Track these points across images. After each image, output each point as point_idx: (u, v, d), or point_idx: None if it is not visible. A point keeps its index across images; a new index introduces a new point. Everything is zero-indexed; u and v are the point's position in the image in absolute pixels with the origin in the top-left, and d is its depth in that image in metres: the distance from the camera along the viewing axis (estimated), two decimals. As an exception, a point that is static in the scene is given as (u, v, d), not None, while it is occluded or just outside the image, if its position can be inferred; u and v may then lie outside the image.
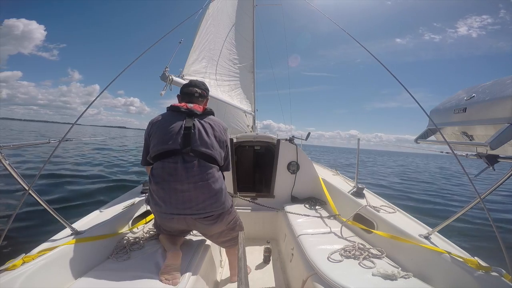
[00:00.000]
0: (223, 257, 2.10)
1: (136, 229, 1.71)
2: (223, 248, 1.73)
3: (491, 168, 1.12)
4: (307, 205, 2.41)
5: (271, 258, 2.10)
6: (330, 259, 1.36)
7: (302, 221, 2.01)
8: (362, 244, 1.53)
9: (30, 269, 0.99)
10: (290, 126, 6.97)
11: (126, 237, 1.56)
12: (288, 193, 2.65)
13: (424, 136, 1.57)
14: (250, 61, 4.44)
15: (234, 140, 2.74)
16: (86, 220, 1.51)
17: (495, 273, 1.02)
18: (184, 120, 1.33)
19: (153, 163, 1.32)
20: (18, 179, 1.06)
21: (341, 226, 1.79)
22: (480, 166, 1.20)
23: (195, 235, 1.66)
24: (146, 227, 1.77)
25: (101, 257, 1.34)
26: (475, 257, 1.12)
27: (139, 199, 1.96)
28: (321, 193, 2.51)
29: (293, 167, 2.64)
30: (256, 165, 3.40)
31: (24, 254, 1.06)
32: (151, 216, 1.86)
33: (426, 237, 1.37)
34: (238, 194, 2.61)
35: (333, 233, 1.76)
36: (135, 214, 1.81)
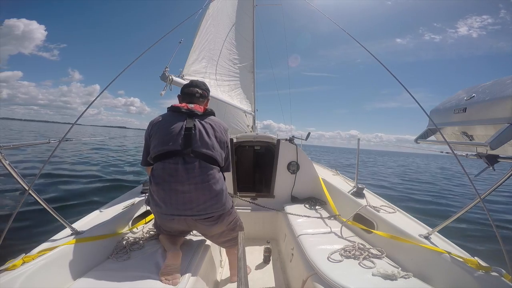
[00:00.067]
0: (223, 257, 2.10)
1: (136, 229, 1.71)
2: (223, 248, 1.73)
3: (491, 168, 1.11)
4: (307, 205, 2.41)
5: (271, 258, 2.09)
6: (330, 259, 1.36)
7: (302, 221, 2.00)
8: (362, 244, 1.53)
9: (30, 269, 0.99)
10: (290, 126, 6.98)
11: (126, 237, 1.56)
12: (288, 193, 2.65)
13: (424, 136, 1.57)
14: (250, 61, 4.44)
15: (234, 140, 2.74)
16: (86, 220, 1.51)
17: (495, 273, 1.02)
18: (185, 120, 1.33)
19: (153, 163, 1.32)
20: (18, 179, 1.06)
21: (341, 226, 1.79)
22: (481, 166, 1.20)
23: (195, 235, 1.66)
24: (146, 227, 1.77)
25: (101, 257, 1.34)
26: (475, 257, 1.12)
27: (139, 199, 1.96)
28: (321, 193, 2.51)
29: (293, 167, 2.64)
30: (256, 165, 3.40)
31: (24, 254, 1.06)
32: (151, 216, 1.85)
33: (426, 237, 1.37)
34: (238, 194, 2.61)
35: (333, 233, 1.76)
36: (135, 214, 1.81)
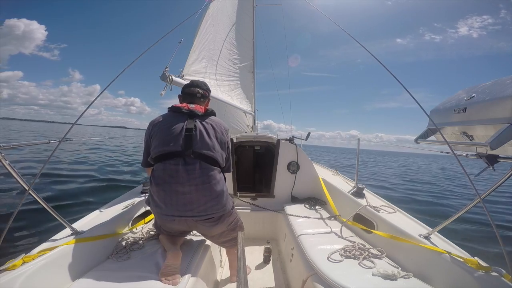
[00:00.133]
0: (223, 257, 2.10)
1: (136, 229, 1.71)
2: (223, 248, 1.73)
3: (491, 168, 1.11)
4: (307, 205, 2.41)
5: (271, 258, 2.09)
6: (330, 259, 1.36)
7: (302, 221, 2.00)
8: (362, 244, 1.53)
9: (30, 269, 0.99)
10: (291, 126, 6.98)
11: (126, 237, 1.56)
12: (288, 193, 2.65)
13: (424, 136, 1.57)
14: (250, 61, 4.44)
15: (234, 140, 2.74)
16: (86, 220, 1.51)
17: (495, 273, 1.02)
18: (185, 121, 1.32)
19: (154, 164, 1.31)
20: (18, 179, 1.06)
21: (341, 226, 1.79)
22: (481, 166, 1.20)
23: (195, 235, 1.66)
24: (146, 227, 1.77)
25: (101, 257, 1.34)
26: (475, 257, 1.12)
27: (139, 199, 1.96)
28: (321, 193, 2.51)
29: (293, 167, 2.64)
30: (256, 165, 3.40)
31: (24, 254, 1.06)
32: (151, 216, 1.85)
33: (426, 237, 1.37)
34: (238, 194, 2.61)
35: (333, 233, 1.75)
36: (135, 214, 1.81)
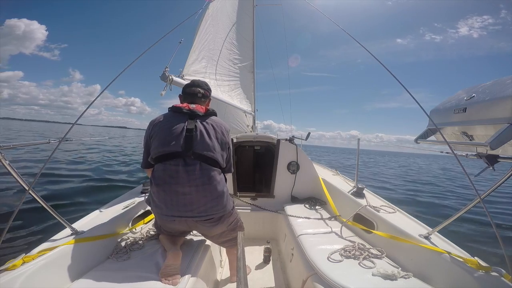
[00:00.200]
0: (223, 257, 2.10)
1: (136, 229, 1.71)
2: (223, 248, 1.73)
3: (491, 168, 1.11)
4: (307, 205, 2.41)
5: (271, 258, 2.09)
6: (330, 259, 1.36)
7: (302, 221, 2.00)
8: (362, 244, 1.53)
9: (30, 269, 0.99)
10: (291, 126, 6.98)
11: (126, 237, 1.56)
12: (288, 193, 2.65)
13: (424, 136, 1.57)
14: (250, 61, 4.43)
15: (234, 140, 2.74)
16: (86, 220, 1.51)
17: (495, 273, 1.02)
18: (186, 121, 1.32)
19: (154, 164, 1.31)
20: (18, 179, 1.06)
21: (341, 226, 1.79)
22: (481, 166, 1.20)
23: (195, 235, 1.66)
24: (146, 227, 1.77)
25: (101, 257, 1.34)
26: (475, 257, 1.12)
27: (139, 199, 1.96)
28: (321, 193, 2.51)
29: (293, 167, 2.64)
30: (256, 165, 3.40)
31: (24, 254, 1.06)
32: (151, 216, 1.85)
33: (426, 237, 1.37)
34: (238, 194, 2.61)
35: (333, 233, 1.75)
36: (135, 214, 1.81)
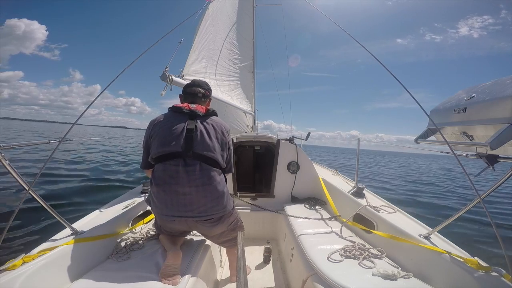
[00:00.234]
0: (223, 257, 2.10)
1: (136, 229, 1.71)
2: (223, 248, 1.73)
3: (491, 168, 1.11)
4: (307, 205, 2.41)
5: (271, 258, 2.09)
6: (330, 259, 1.36)
7: (302, 221, 2.00)
8: (362, 244, 1.53)
9: (30, 269, 0.99)
10: (291, 127, 6.98)
11: (126, 237, 1.56)
12: (288, 193, 2.65)
13: (424, 136, 1.57)
14: (250, 61, 4.43)
15: (234, 140, 2.74)
16: (86, 220, 1.51)
17: (495, 273, 1.02)
18: (186, 121, 1.32)
19: (154, 164, 1.31)
20: (18, 179, 1.06)
21: (341, 226, 1.79)
22: (482, 166, 1.20)
23: (195, 235, 1.66)
24: (146, 227, 1.77)
25: (101, 257, 1.34)
26: (475, 257, 1.12)
27: (139, 199, 1.96)
28: (321, 193, 2.51)
29: (293, 167, 2.64)
30: (256, 165, 3.40)
31: (24, 254, 1.06)
32: (151, 216, 1.85)
33: (426, 237, 1.37)
34: (238, 194, 2.61)
35: (333, 233, 1.75)
36: (135, 214, 1.81)
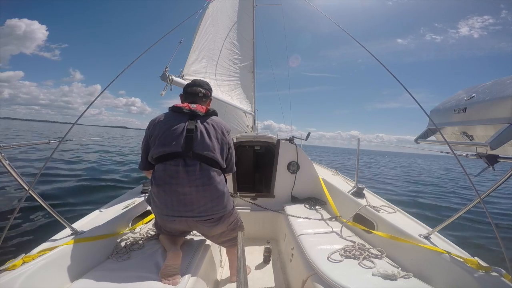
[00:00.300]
0: (223, 257, 2.10)
1: (136, 229, 1.71)
2: (223, 248, 1.73)
3: (491, 168, 1.11)
4: (307, 205, 2.41)
5: (271, 258, 2.09)
6: (330, 259, 1.36)
7: (302, 221, 2.00)
8: (362, 244, 1.53)
9: (30, 269, 1.00)
10: (291, 127, 6.98)
11: (126, 237, 1.56)
12: (288, 193, 2.65)
13: (424, 136, 1.57)
14: (250, 61, 4.43)
15: (234, 140, 2.74)
16: (86, 220, 1.51)
17: (495, 273, 1.02)
18: (186, 121, 1.31)
19: (154, 164, 1.31)
20: (18, 179, 1.07)
21: (341, 226, 1.79)
22: (482, 166, 1.20)
23: (195, 235, 1.66)
24: (146, 227, 1.77)
25: (101, 257, 1.34)
26: (475, 257, 1.12)
27: (139, 199, 1.96)
28: (321, 193, 2.51)
29: (293, 167, 2.64)
30: (256, 165, 3.40)
31: (24, 254, 1.06)
32: (151, 216, 1.86)
33: (426, 237, 1.37)
34: (238, 194, 2.61)
35: (333, 233, 1.76)
36: (135, 214, 1.81)
